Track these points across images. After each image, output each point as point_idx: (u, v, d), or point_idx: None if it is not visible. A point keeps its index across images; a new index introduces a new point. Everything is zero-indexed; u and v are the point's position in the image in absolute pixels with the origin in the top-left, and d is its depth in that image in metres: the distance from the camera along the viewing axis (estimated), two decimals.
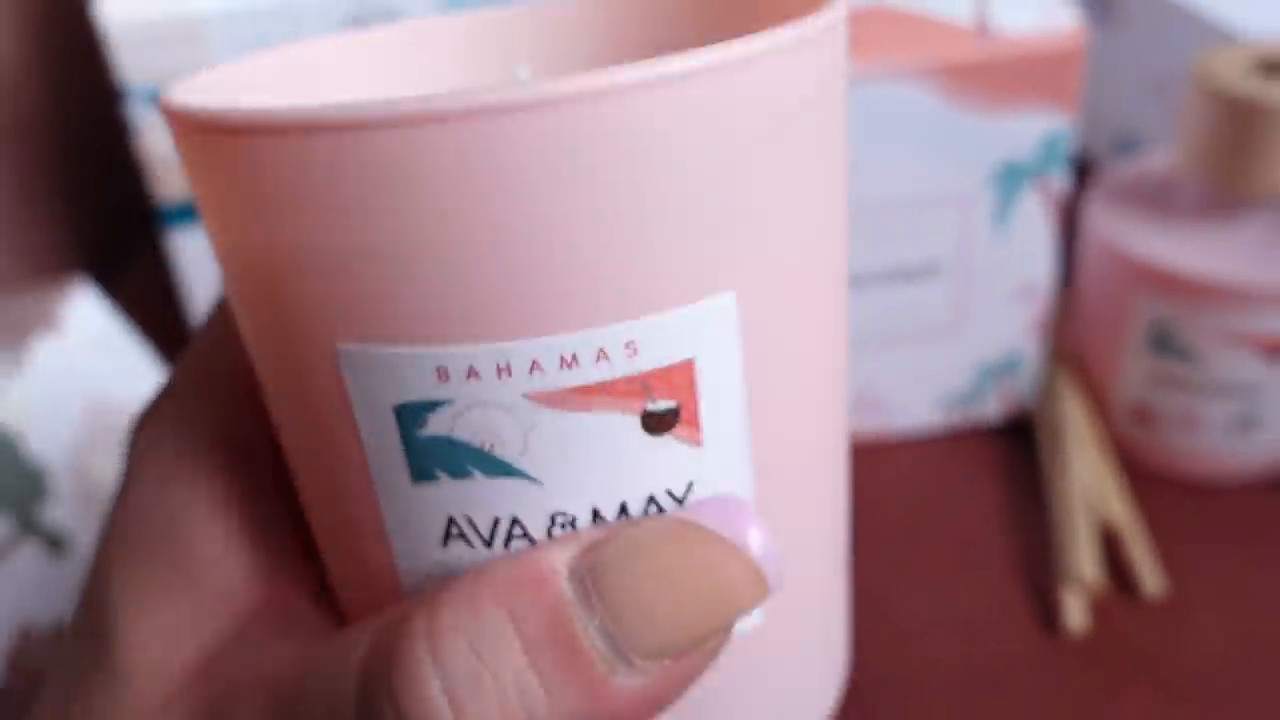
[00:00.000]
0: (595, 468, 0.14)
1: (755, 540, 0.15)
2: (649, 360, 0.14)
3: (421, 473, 0.15)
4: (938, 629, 0.36)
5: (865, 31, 0.35)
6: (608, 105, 0.13)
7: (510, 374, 0.14)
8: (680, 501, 0.15)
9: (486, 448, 0.14)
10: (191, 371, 0.18)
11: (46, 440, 0.40)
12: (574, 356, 0.14)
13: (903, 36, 0.34)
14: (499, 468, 0.14)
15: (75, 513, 0.40)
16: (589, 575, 0.14)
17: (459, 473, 0.14)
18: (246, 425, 0.18)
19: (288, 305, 0.14)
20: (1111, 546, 0.38)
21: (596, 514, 0.15)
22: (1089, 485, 0.39)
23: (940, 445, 0.42)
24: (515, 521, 0.15)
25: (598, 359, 0.14)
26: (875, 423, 0.42)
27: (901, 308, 0.39)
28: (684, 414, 0.14)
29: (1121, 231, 0.38)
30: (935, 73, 0.34)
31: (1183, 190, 0.38)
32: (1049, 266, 0.38)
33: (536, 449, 0.14)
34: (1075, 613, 0.35)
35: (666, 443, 0.14)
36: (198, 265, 0.43)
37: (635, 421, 0.14)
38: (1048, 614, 0.36)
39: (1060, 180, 0.36)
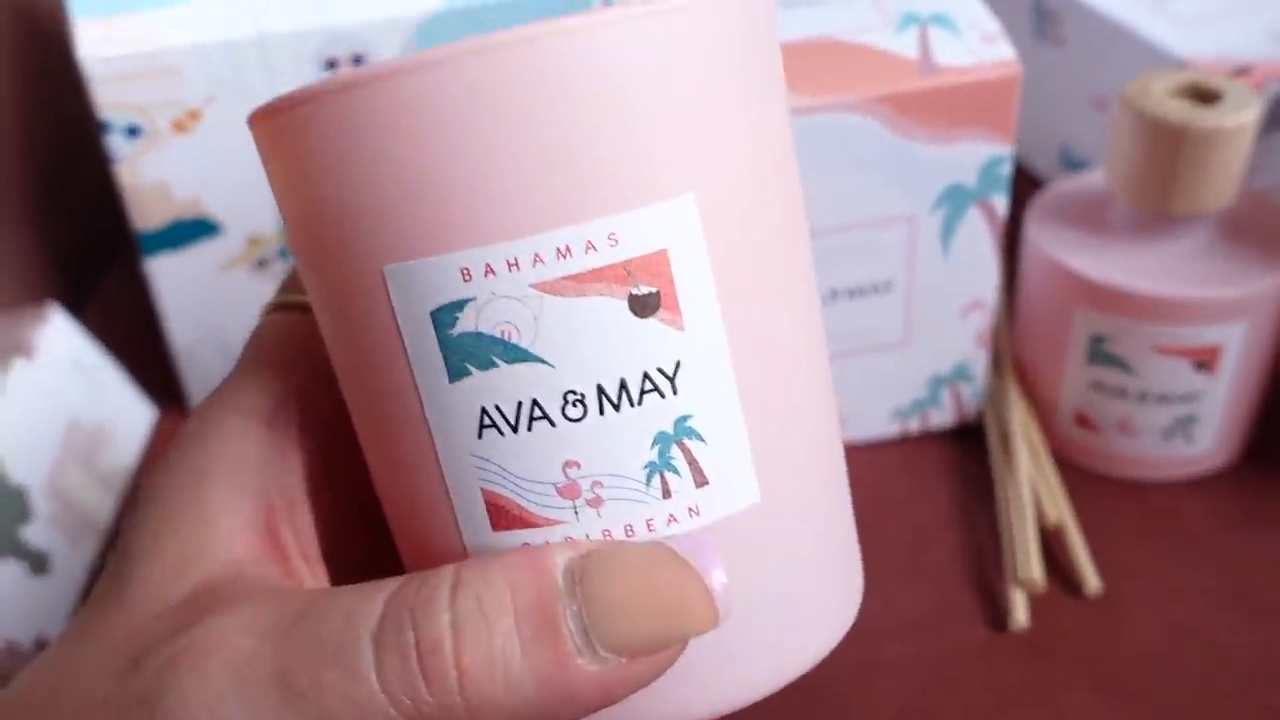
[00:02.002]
0: (595, 347, 0.17)
1: (718, 577, 0.17)
2: (629, 249, 0.17)
3: (457, 371, 0.18)
4: (890, 627, 0.38)
5: (812, 63, 0.37)
6: (574, 44, 0.17)
7: (519, 267, 0.17)
8: (672, 380, 0.18)
9: (506, 336, 0.17)
10: (244, 357, 0.21)
11: (24, 463, 0.41)
12: (567, 248, 0.17)
13: (849, 68, 0.36)
14: (517, 354, 0.17)
15: (53, 532, 0.41)
16: (579, 573, 0.17)
17: (485, 364, 0.18)
18: (274, 401, 0.21)
19: (341, 244, 0.18)
20: (1053, 545, 0.40)
21: (602, 391, 0.17)
22: (1034, 488, 0.41)
23: (895, 451, 0.44)
24: (535, 403, 0.18)
25: (587, 250, 0.17)
26: None
27: (856, 324, 0.41)
28: (664, 299, 0.18)
29: (1059, 247, 0.40)
30: (880, 103, 0.36)
31: (1116, 207, 0.40)
32: (994, 282, 0.40)
33: (545, 333, 0.17)
34: (1020, 610, 0.37)
35: (652, 325, 0.18)
36: (175, 291, 0.44)
37: (623, 305, 0.17)
38: (995, 611, 0.38)
39: (1001, 202, 0.39)
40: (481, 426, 0.18)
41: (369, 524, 0.22)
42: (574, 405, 0.18)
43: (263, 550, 0.20)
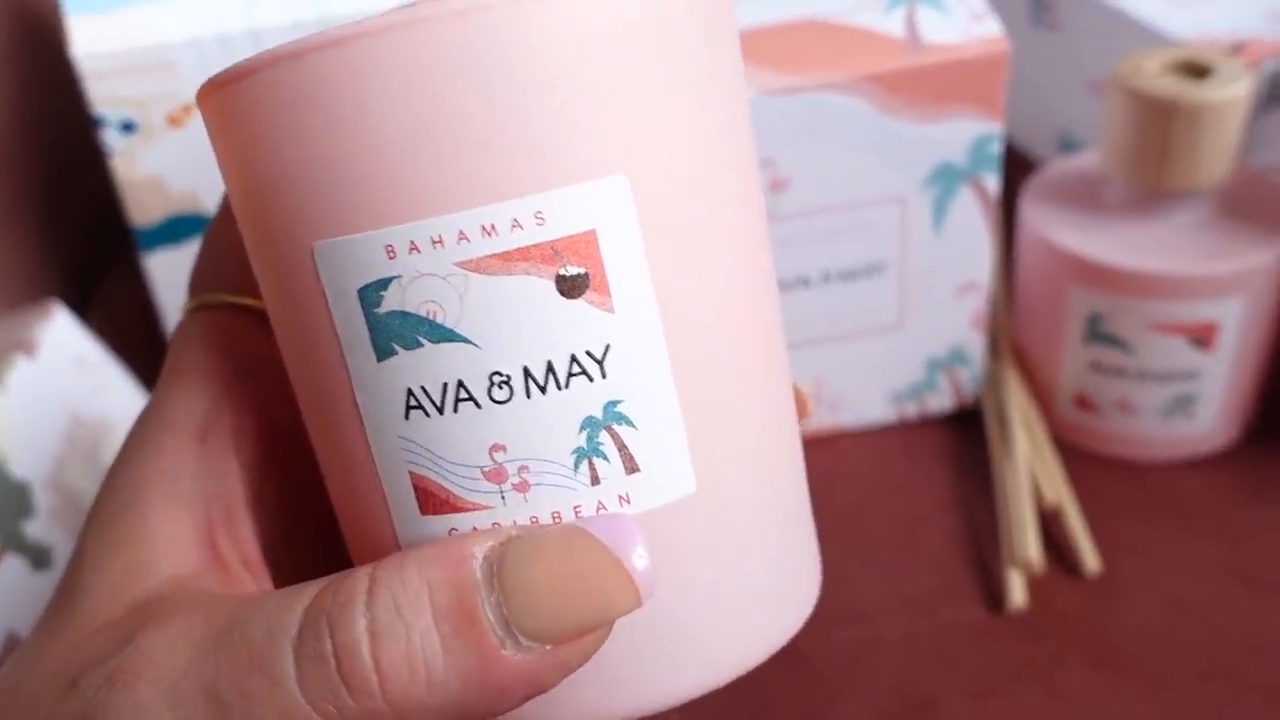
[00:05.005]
0: (521, 328, 0.17)
1: (638, 556, 0.17)
2: (556, 229, 0.17)
3: (383, 350, 0.17)
4: (886, 607, 0.38)
5: (799, 44, 0.37)
6: (501, 20, 0.16)
7: (443, 244, 0.17)
8: (600, 363, 0.17)
9: (431, 315, 0.17)
10: (170, 365, 0.21)
11: (27, 458, 0.41)
12: (493, 226, 0.17)
13: (835, 48, 0.36)
14: (442, 333, 0.17)
15: (55, 527, 0.41)
16: (496, 561, 0.17)
17: (412, 344, 0.17)
18: (204, 411, 0.21)
19: (276, 220, 0.18)
20: (1052, 526, 0.39)
21: (528, 373, 0.17)
22: (1032, 469, 0.40)
23: (893, 435, 0.44)
24: (461, 384, 0.17)
25: (513, 227, 0.17)
26: (831, 419, 0.43)
27: (849, 306, 0.41)
28: (593, 281, 0.17)
29: (1053, 226, 0.40)
30: (869, 81, 0.36)
31: (1110, 186, 0.40)
32: (988, 262, 0.40)
33: (471, 313, 0.17)
34: (1018, 590, 0.37)
35: (581, 307, 0.17)
36: (173, 287, 0.44)
37: (550, 285, 0.17)
38: (992, 591, 0.38)
39: (993, 181, 0.38)
40: (408, 407, 0.17)
41: (322, 520, 0.22)
42: (500, 387, 0.17)
43: (204, 562, 0.20)
